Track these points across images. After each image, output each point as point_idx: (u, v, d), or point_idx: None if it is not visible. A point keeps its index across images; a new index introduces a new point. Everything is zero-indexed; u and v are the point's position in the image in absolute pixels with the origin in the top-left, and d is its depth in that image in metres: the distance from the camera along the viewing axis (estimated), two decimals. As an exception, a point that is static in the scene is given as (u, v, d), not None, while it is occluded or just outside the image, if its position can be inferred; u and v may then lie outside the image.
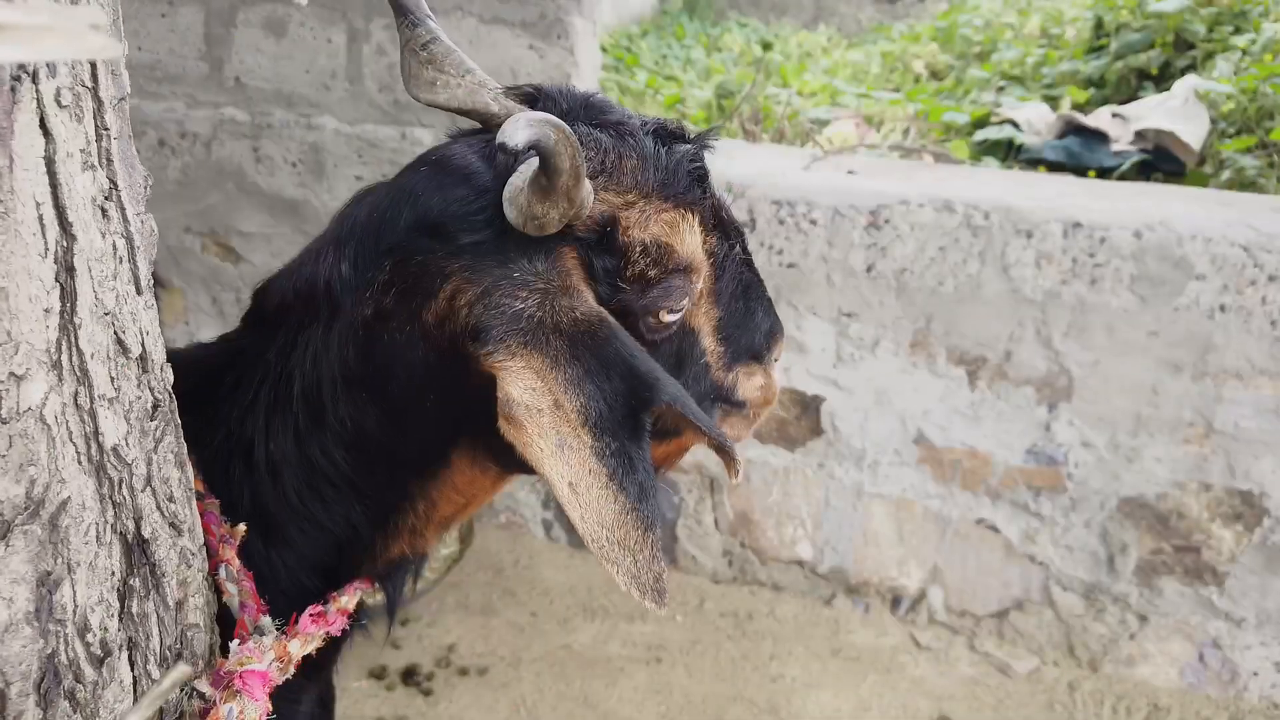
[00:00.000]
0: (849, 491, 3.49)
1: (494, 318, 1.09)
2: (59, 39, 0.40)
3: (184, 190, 3.87)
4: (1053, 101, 5.06)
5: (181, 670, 0.76)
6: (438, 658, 3.31)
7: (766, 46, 8.20)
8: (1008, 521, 3.29)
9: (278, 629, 1.09)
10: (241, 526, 1.16)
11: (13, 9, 0.39)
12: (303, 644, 1.07)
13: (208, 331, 4.22)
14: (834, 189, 3.25)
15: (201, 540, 1.09)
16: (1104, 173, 4.08)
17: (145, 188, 0.97)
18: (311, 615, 1.13)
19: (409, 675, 3.22)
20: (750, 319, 1.41)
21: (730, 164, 3.47)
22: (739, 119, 4.84)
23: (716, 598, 3.69)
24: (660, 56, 7.95)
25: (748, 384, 1.45)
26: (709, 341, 1.36)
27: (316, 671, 1.38)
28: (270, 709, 1.01)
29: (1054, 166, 4.19)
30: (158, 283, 3.01)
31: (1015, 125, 4.45)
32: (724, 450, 1.10)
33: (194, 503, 1.07)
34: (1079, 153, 4.14)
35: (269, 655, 1.01)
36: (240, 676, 0.96)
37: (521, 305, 1.10)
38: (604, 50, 7.57)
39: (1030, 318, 3.07)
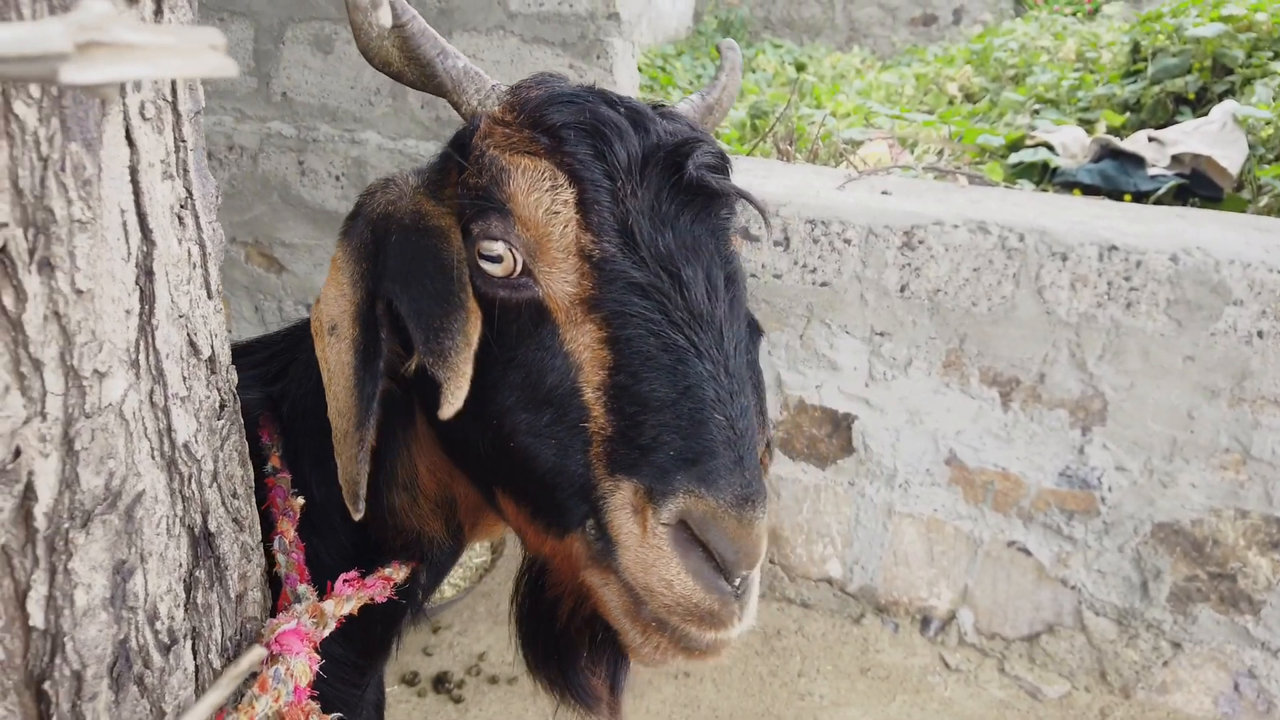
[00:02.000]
0: (879, 510, 3.49)
1: (351, 210, 1.16)
2: (180, 58, 0.44)
3: (230, 202, 3.96)
4: (1088, 125, 5.05)
5: (257, 653, 0.79)
6: (468, 666, 3.34)
7: (800, 68, 8.24)
8: (1040, 544, 3.28)
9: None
10: (300, 500, 1.21)
11: (141, 30, 0.43)
12: (337, 604, 1.11)
13: (247, 341, 4.30)
14: (868, 209, 3.27)
15: (259, 537, 1.13)
16: (1140, 197, 4.07)
17: (216, 198, 1.02)
18: (346, 580, 1.17)
19: (440, 682, 3.25)
20: (672, 416, 1.01)
21: (765, 183, 3.50)
22: (773, 139, 4.88)
23: (745, 614, 3.69)
24: (695, 76, 8.02)
25: (623, 520, 1.01)
26: (592, 397, 1.04)
27: (377, 653, 1.42)
28: (318, 659, 1.04)
29: (1089, 190, 4.18)
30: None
31: (1050, 148, 4.45)
32: (435, 372, 0.97)
33: (254, 500, 1.12)
34: (1114, 176, 4.13)
35: (304, 616, 1.06)
36: (276, 640, 1.00)
37: (365, 199, 1.14)
38: (639, 70, 7.65)
39: (1064, 340, 3.07)
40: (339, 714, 1.03)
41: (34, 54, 0.40)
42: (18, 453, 0.76)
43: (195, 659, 0.97)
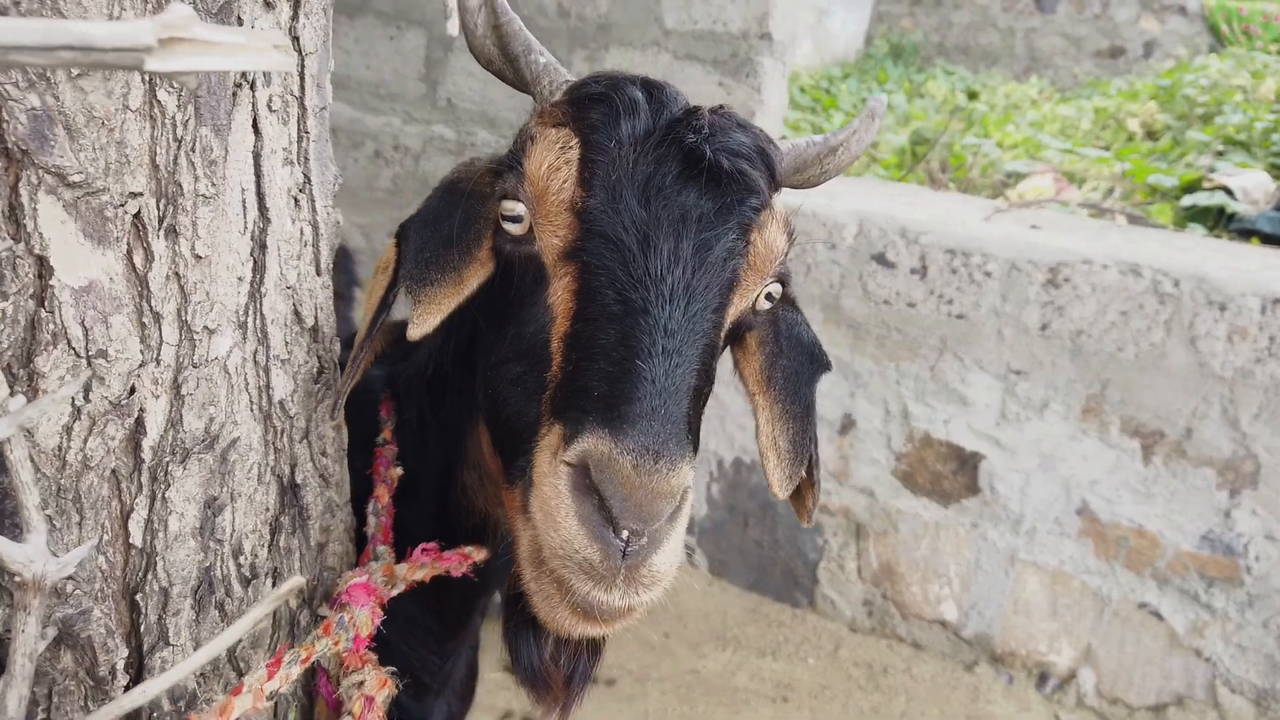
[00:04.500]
0: (1002, 556, 3.36)
1: None
2: (249, 55, 0.52)
3: (393, 198, 4.23)
4: (1278, 171, 4.71)
5: (295, 581, 0.88)
6: (569, 661, 3.42)
7: (972, 95, 8.01)
8: (1174, 610, 3.08)
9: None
10: (398, 470, 1.32)
11: (220, 30, 0.52)
12: (410, 569, 1.19)
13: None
14: (1013, 242, 3.17)
15: (348, 495, 1.23)
16: (1327, 249, 3.76)
17: (334, 185, 1.12)
18: (425, 549, 1.25)
19: (540, 673, 3.35)
20: (606, 363, 1.02)
21: (910, 209, 3.45)
22: (926, 166, 4.79)
23: (852, 646, 3.63)
24: (859, 100, 7.92)
25: (541, 460, 1.02)
26: (556, 346, 1.08)
27: (454, 626, 1.50)
28: (381, 614, 1.12)
29: (1269, 239, 3.90)
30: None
31: (1228, 192, 4.17)
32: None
33: (345, 462, 1.22)
34: (1300, 226, 3.84)
35: (377, 574, 1.14)
36: (345, 591, 1.09)
37: (451, 171, 1.24)
38: (802, 91, 7.63)
39: (1217, 395, 2.88)
40: (393, 668, 1.11)
41: (125, 46, 0.49)
42: (132, 390, 0.87)
43: (275, 597, 1.07)
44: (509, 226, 1.13)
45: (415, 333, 1.05)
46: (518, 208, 1.12)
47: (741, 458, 3.77)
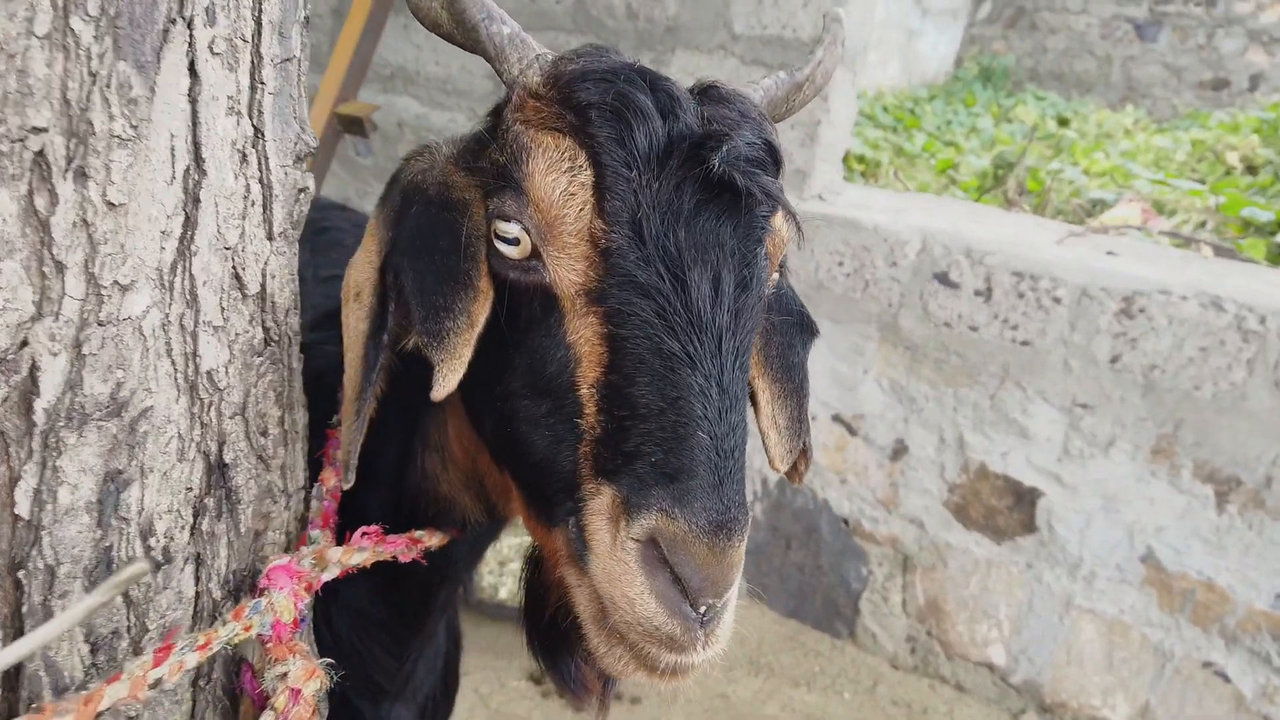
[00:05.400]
0: (1057, 600, 3.14)
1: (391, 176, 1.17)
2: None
3: (450, 194, 4.20)
4: (1389, 208, 4.37)
5: (138, 567, 0.79)
6: (591, 676, 3.31)
7: (1063, 122, 7.71)
8: (1242, 671, 2.83)
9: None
10: None
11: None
12: (346, 553, 1.10)
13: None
14: (1086, 268, 2.98)
15: (301, 483, 1.15)
16: None
17: (296, 145, 1.04)
18: (365, 533, 1.16)
19: (561, 687, 3.25)
20: (656, 426, 0.94)
21: (978, 228, 3.28)
22: (1004, 190, 4.58)
23: (892, 683, 3.44)
24: (945, 122, 7.69)
25: (597, 526, 0.96)
26: (586, 394, 0.99)
27: (413, 622, 1.40)
28: (303, 596, 1.04)
29: (1375, 279, 3.60)
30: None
31: (1331, 228, 3.88)
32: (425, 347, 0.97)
33: (297, 446, 1.13)
34: None
35: (306, 558, 1.06)
36: (266, 575, 1.01)
37: (403, 166, 1.13)
38: (886, 110, 7.43)
39: (1302, 442, 2.64)
40: (328, 660, 1.01)
41: None
42: (24, 344, 0.80)
43: (196, 585, 0.99)
44: (505, 249, 1.03)
45: (440, 393, 0.97)
46: (513, 229, 1.02)
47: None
